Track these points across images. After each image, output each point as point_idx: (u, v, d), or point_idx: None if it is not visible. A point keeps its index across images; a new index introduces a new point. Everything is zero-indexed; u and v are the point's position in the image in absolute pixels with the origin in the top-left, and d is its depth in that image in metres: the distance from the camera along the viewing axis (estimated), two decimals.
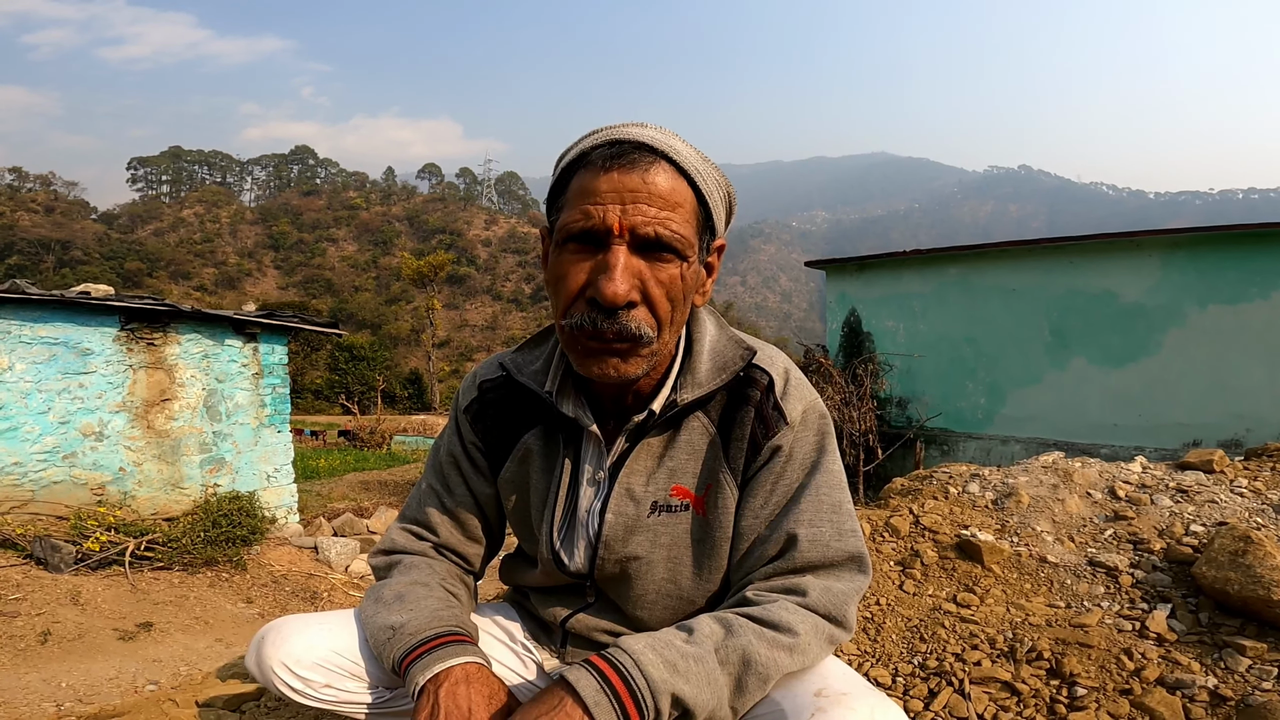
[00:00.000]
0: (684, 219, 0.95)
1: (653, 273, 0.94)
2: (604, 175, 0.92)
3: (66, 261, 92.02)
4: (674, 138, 0.97)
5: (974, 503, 2.71)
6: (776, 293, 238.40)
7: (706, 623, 0.94)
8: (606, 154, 0.93)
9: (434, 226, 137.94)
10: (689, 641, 0.90)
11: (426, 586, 1.11)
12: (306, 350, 47.40)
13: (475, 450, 1.19)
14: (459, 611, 1.09)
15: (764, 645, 0.91)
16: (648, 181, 0.92)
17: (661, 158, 0.94)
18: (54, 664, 3.39)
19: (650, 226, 0.92)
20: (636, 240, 0.93)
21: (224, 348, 6.46)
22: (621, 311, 0.93)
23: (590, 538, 1.10)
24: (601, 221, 0.92)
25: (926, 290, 10.72)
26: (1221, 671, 1.70)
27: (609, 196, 0.92)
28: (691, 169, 0.96)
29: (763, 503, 1.05)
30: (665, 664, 0.86)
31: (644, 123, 0.98)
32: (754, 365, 1.08)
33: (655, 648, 0.88)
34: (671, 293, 0.96)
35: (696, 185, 0.96)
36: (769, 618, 0.94)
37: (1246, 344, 8.10)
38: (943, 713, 1.68)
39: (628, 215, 0.91)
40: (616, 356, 0.96)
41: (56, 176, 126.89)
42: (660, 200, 0.92)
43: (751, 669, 0.90)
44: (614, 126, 0.97)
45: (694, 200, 0.97)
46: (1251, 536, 1.97)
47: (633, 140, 0.94)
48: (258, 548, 5.87)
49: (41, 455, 5.45)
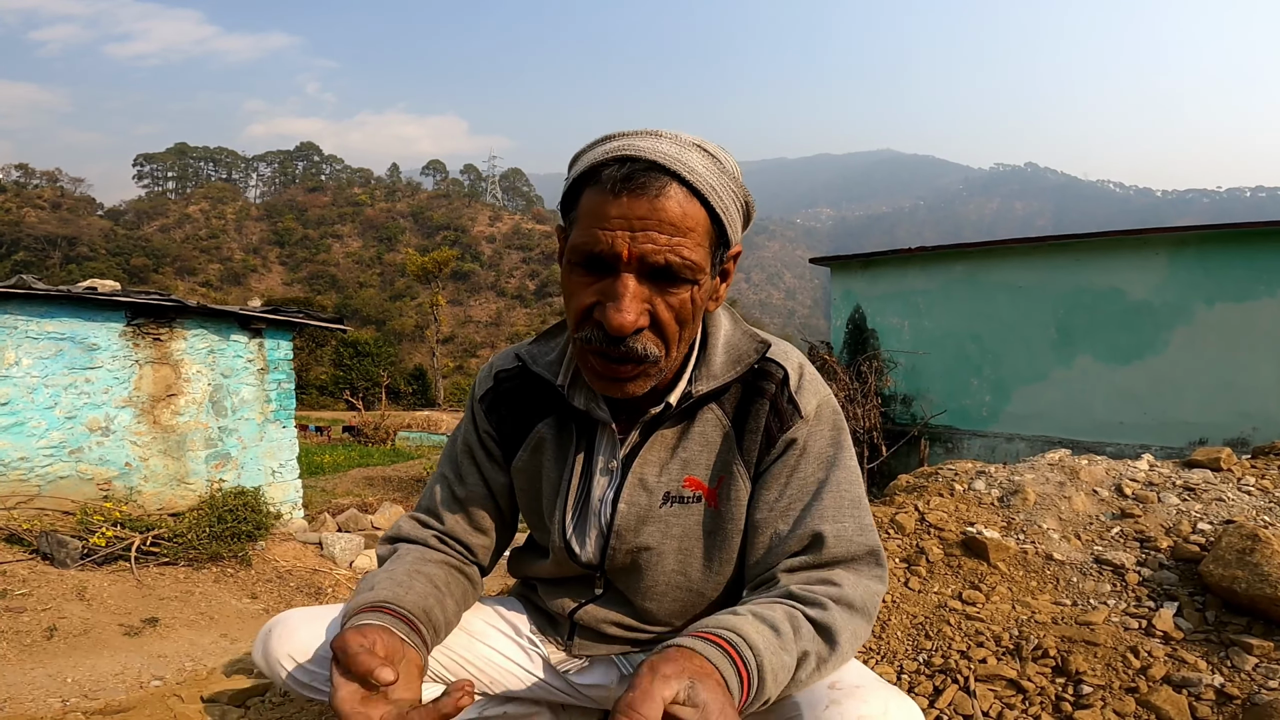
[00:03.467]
0: (696, 243, 0.92)
1: (663, 298, 0.93)
2: (614, 200, 0.90)
3: (73, 257, 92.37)
4: (689, 150, 0.93)
5: (980, 500, 2.70)
6: (781, 290, 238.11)
7: (783, 621, 0.90)
8: (616, 175, 0.90)
9: (438, 223, 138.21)
10: (784, 649, 0.87)
11: (402, 570, 1.08)
12: (311, 346, 47.55)
13: (489, 439, 1.19)
14: (407, 590, 1.03)
15: (817, 653, 0.90)
16: (658, 208, 0.89)
17: (673, 179, 0.90)
18: (60, 659, 3.41)
19: (660, 255, 0.89)
20: (645, 268, 0.91)
21: (229, 343, 6.47)
22: (630, 336, 0.93)
23: (602, 527, 1.10)
24: (610, 248, 0.90)
25: (932, 287, 10.69)
26: (1228, 670, 1.69)
27: (617, 223, 0.89)
28: (706, 188, 0.91)
29: (777, 495, 1.05)
30: (772, 673, 0.83)
31: (659, 131, 0.94)
32: (768, 359, 1.08)
33: (770, 651, 0.84)
34: (681, 315, 0.95)
35: (710, 205, 0.92)
36: (823, 621, 0.92)
37: (1254, 342, 8.06)
38: (948, 710, 1.68)
39: (637, 243, 0.89)
40: (624, 380, 0.97)
41: (63, 173, 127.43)
42: (670, 227, 0.89)
43: (802, 670, 0.88)
44: (628, 135, 0.94)
45: (707, 221, 0.93)
46: (1259, 535, 1.96)
47: (645, 159, 0.90)
48: (263, 543, 5.89)
49: (48, 450, 5.47)
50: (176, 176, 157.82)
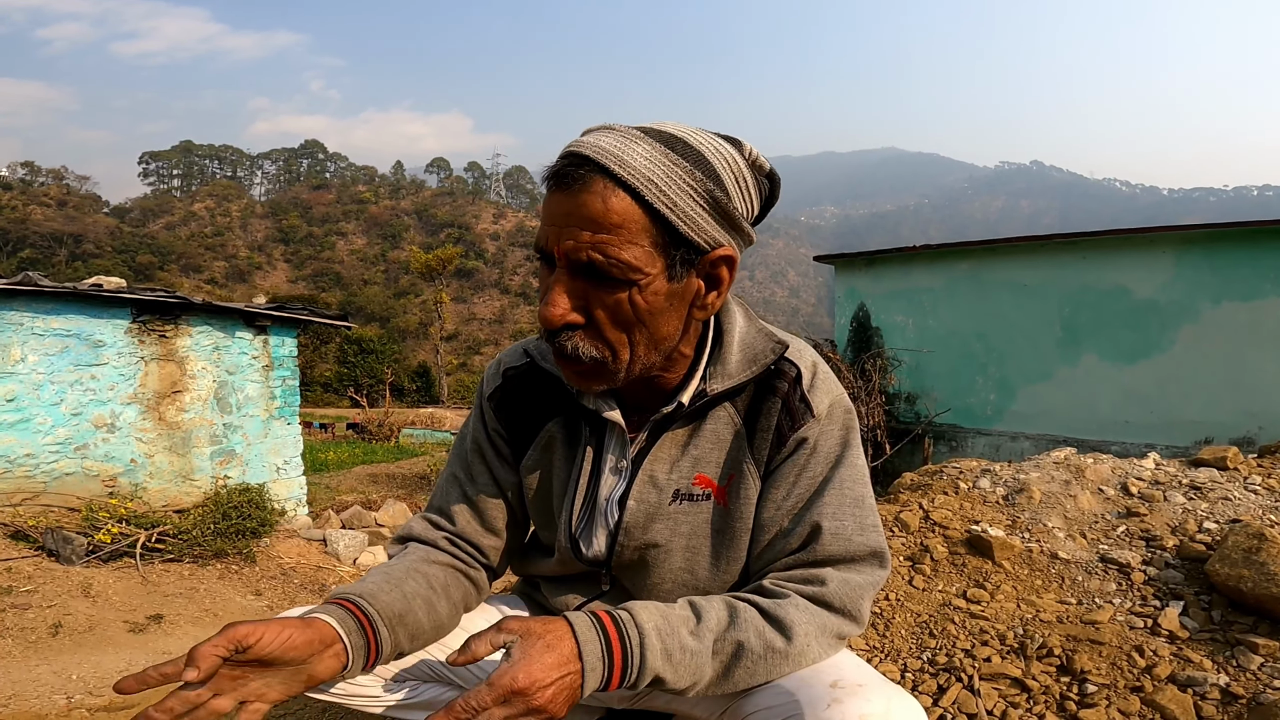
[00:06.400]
0: (627, 240, 0.88)
1: (598, 295, 0.91)
2: (549, 197, 0.91)
3: (79, 255, 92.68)
4: (637, 141, 0.89)
5: (985, 498, 2.70)
6: (785, 287, 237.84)
7: (716, 610, 0.94)
8: (553, 171, 0.90)
9: (442, 220, 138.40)
10: (694, 634, 0.91)
11: (400, 568, 1.08)
12: (316, 343, 47.63)
13: (499, 437, 1.19)
14: (389, 590, 1.02)
15: (761, 644, 0.92)
16: (578, 204, 0.87)
17: (600, 173, 0.87)
18: (65, 656, 3.42)
19: (581, 252, 0.88)
20: (574, 265, 0.90)
21: (235, 340, 6.49)
22: (562, 333, 0.93)
23: (610, 525, 1.10)
24: (545, 245, 0.91)
25: (936, 285, 10.66)
26: (1233, 669, 1.69)
27: (549, 219, 0.90)
28: (640, 183, 0.87)
29: (785, 494, 1.04)
30: (663, 653, 0.88)
31: (614, 125, 0.92)
32: (784, 358, 1.07)
33: (661, 634, 0.89)
34: (618, 317, 0.92)
35: (646, 200, 0.87)
36: (776, 613, 0.94)
37: (1260, 341, 8.02)
38: (952, 709, 1.67)
39: (561, 239, 0.89)
40: (581, 376, 0.98)
41: (69, 171, 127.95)
42: (592, 224, 0.87)
43: (741, 662, 0.91)
44: (583, 133, 0.93)
45: (643, 218, 0.88)
46: (1265, 534, 1.95)
47: (576, 154, 0.88)
48: (267, 540, 5.90)
49: (54, 447, 5.49)
50: (182, 174, 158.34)
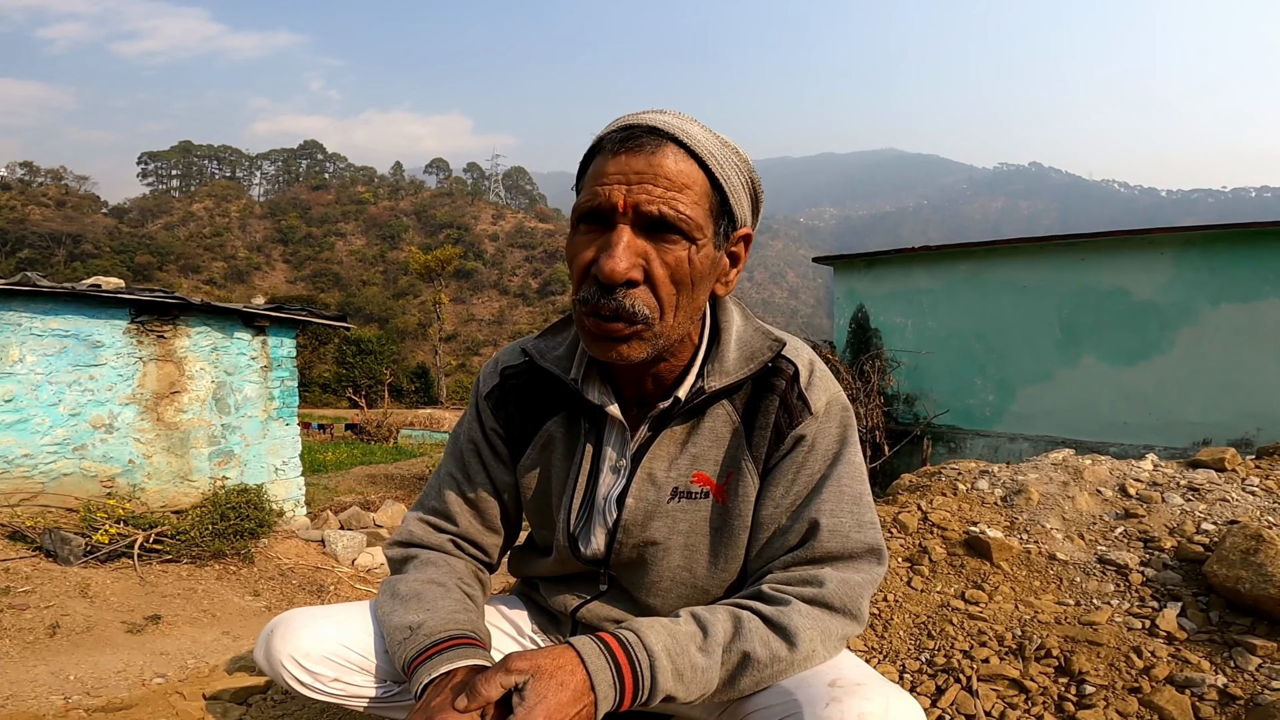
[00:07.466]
0: (693, 200, 0.94)
1: (658, 253, 0.94)
2: (613, 158, 0.94)
3: (77, 255, 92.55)
4: (691, 123, 0.97)
5: (983, 499, 2.70)
6: (784, 288, 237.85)
7: (721, 622, 0.95)
8: (617, 138, 0.95)
9: (442, 221, 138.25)
10: (702, 649, 0.92)
11: (443, 586, 1.10)
12: (314, 344, 47.58)
13: (496, 437, 1.19)
14: (474, 615, 1.09)
15: (767, 653, 0.93)
16: (653, 163, 0.93)
17: (670, 140, 0.94)
18: (62, 656, 3.41)
19: (654, 205, 0.92)
20: (641, 219, 0.93)
21: (233, 340, 6.48)
22: (620, 289, 0.94)
23: (608, 523, 1.10)
24: (607, 200, 0.93)
25: (936, 287, 10.66)
26: (1231, 670, 1.69)
27: (615, 178, 0.93)
28: (704, 152, 0.95)
29: (784, 492, 1.05)
30: (674, 673, 0.89)
31: (665, 109, 0.99)
32: (781, 356, 1.08)
33: (671, 654, 0.90)
34: (677, 275, 0.96)
35: (709, 168, 0.95)
36: (779, 620, 0.94)
37: (1259, 342, 8.03)
38: (950, 710, 1.67)
39: (632, 194, 0.92)
40: (619, 340, 0.97)
41: (68, 170, 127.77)
42: (666, 180, 0.93)
43: (747, 671, 0.93)
44: (635, 114, 0.98)
45: (705, 183, 0.96)
46: (1263, 535, 1.95)
47: (644, 125, 0.95)
48: (265, 541, 5.89)
49: (52, 447, 5.48)
50: (181, 174, 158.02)
